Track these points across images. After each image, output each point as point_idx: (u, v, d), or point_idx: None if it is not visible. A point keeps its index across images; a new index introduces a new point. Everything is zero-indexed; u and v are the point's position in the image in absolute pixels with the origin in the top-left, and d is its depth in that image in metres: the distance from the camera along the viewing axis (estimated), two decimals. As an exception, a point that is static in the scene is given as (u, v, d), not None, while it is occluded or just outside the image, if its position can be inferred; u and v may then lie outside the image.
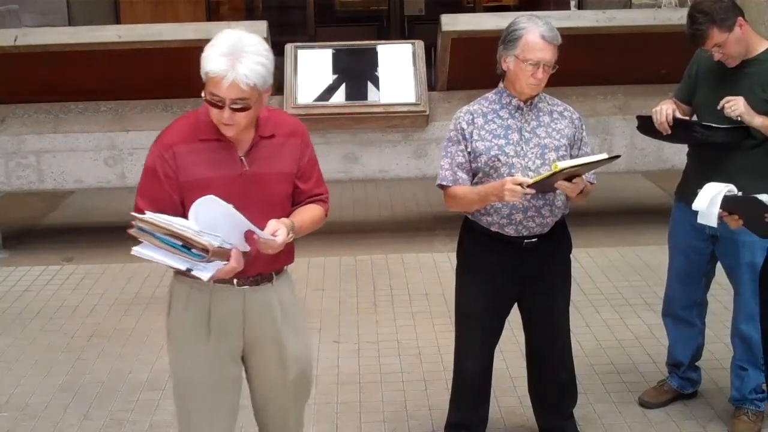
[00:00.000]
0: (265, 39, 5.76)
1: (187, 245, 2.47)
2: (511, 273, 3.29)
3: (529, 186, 3.00)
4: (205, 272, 2.53)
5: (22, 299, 5.42)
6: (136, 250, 2.50)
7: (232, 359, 2.82)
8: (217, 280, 2.62)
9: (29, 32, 6.19)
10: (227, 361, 2.81)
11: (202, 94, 2.58)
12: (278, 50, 6.27)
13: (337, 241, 6.19)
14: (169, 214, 2.54)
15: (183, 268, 2.52)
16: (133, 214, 2.49)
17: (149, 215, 2.49)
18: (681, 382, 3.96)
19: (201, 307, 2.75)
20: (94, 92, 6.19)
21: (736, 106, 3.39)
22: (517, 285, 3.33)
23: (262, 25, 5.87)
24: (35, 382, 4.33)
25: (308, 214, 2.80)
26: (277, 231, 2.58)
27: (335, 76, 6.15)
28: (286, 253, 2.77)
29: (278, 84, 6.30)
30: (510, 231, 3.22)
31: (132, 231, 2.48)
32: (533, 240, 3.24)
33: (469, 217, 3.34)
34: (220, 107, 2.54)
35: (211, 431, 2.84)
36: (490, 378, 3.51)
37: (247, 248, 2.59)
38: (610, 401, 4.02)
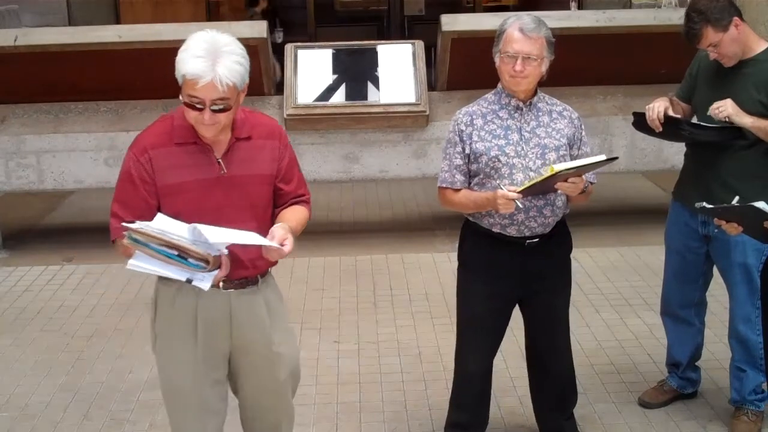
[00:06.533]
0: (265, 39, 5.81)
1: (182, 255, 2.44)
2: (512, 274, 3.29)
3: (521, 191, 3.01)
4: (204, 282, 2.50)
5: (22, 299, 5.42)
6: (131, 263, 2.47)
7: (218, 363, 2.81)
8: None
9: (29, 32, 6.19)
10: (213, 365, 2.79)
11: (180, 97, 2.55)
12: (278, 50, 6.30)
13: (337, 241, 6.19)
14: (145, 218, 2.51)
15: (183, 278, 2.50)
16: (125, 224, 2.45)
17: (141, 225, 2.44)
18: (681, 382, 3.97)
19: (187, 311, 2.73)
20: (94, 92, 6.19)
21: (723, 108, 3.39)
22: (518, 286, 3.32)
23: (262, 25, 5.87)
24: (35, 382, 4.33)
25: (298, 216, 2.77)
26: (285, 240, 2.55)
27: (335, 76, 6.15)
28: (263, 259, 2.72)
29: (278, 84, 6.32)
30: (512, 231, 3.22)
31: (125, 242, 2.45)
32: (535, 240, 3.24)
33: (470, 218, 3.34)
34: (200, 109, 2.51)
35: (202, 430, 2.84)
36: (490, 379, 3.51)
37: (226, 252, 2.57)
38: (610, 401, 4.02)
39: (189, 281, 2.50)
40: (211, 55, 2.48)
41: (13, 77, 5.99)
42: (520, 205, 3.06)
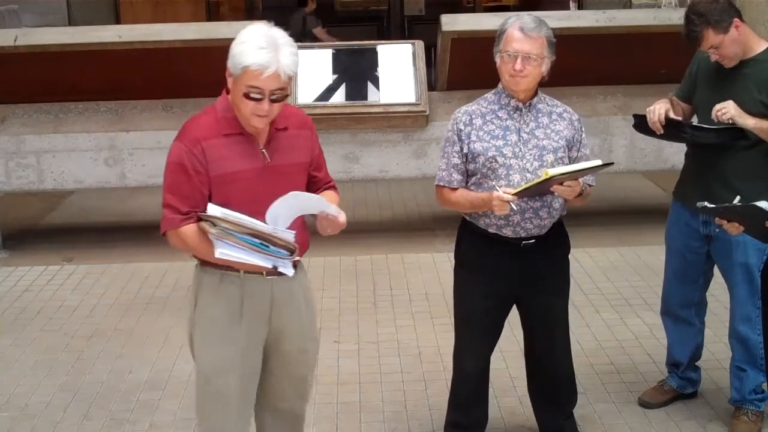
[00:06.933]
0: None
1: (264, 243, 2.56)
2: (509, 274, 3.29)
3: (516, 194, 3.01)
4: (288, 268, 2.63)
5: (22, 299, 5.42)
6: (220, 252, 2.55)
7: (258, 351, 2.87)
8: (247, 270, 2.71)
9: (29, 32, 6.19)
10: (255, 351, 2.86)
11: (243, 90, 2.60)
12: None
13: (336, 241, 6.16)
14: (200, 208, 2.62)
15: (269, 265, 2.61)
16: (207, 215, 2.56)
17: (222, 213, 2.55)
18: (681, 381, 3.97)
19: (232, 297, 2.78)
20: (94, 92, 6.19)
21: (726, 110, 3.38)
22: (515, 286, 3.32)
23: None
24: (35, 382, 4.33)
25: (335, 199, 2.93)
26: (341, 213, 2.72)
27: (335, 76, 6.15)
28: (307, 242, 2.87)
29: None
30: (508, 232, 3.22)
31: (213, 231, 2.53)
32: (531, 241, 3.24)
33: (467, 218, 3.34)
34: (259, 100, 2.59)
35: (237, 419, 2.89)
36: (487, 378, 3.52)
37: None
38: (610, 401, 4.02)
39: (275, 268, 2.62)
40: (272, 46, 2.56)
41: (13, 77, 5.99)
42: (515, 207, 3.06)
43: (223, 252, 2.55)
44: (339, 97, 6.10)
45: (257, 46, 2.55)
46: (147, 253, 6.09)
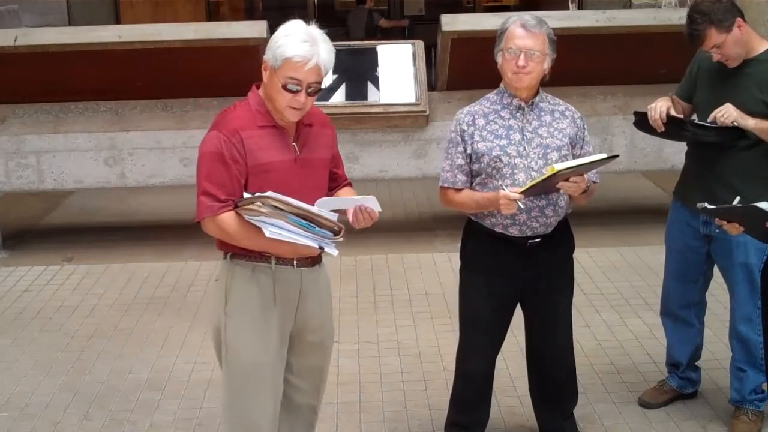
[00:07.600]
0: (265, 39, 5.80)
1: (311, 223, 2.63)
2: (514, 273, 3.29)
3: (523, 192, 3.01)
4: (332, 248, 2.71)
5: (22, 299, 5.42)
6: (271, 231, 2.61)
7: (286, 340, 2.92)
8: (278, 261, 2.80)
9: (29, 32, 6.18)
10: (284, 342, 2.90)
11: (282, 81, 2.65)
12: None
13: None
14: (237, 196, 2.68)
15: (315, 245, 2.69)
16: (257, 195, 2.61)
17: (273, 194, 2.59)
18: (681, 382, 3.97)
19: (265, 288, 2.82)
20: (94, 92, 6.19)
21: (727, 113, 3.39)
22: (520, 285, 3.32)
23: (262, 25, 5.87)
24: (35, 382, 4.33)
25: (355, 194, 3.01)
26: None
27: (335, 76, 6.14)
28: None
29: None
30: (514, 231, 3.22)
31: (264, 210, 2.58)
32: (537, 240, 3.24)
33: (473, 218, 3.34)
34: (297, 92, 2.66)
35: (271, 411, 2.90)
36: (492, 379, 3.51)
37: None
38: (610, 401, 4.02)
39: (321, 248, 2.71)
40: (313, 40, 2.66)
41: (13, 77, 5.99)
42: (522, 206, 3.06)
43: (274, 231, 2.60)
44: (339, 97, 6.10)
45: (299, 39, 2.64)
46: (147, 253, 6.10)
